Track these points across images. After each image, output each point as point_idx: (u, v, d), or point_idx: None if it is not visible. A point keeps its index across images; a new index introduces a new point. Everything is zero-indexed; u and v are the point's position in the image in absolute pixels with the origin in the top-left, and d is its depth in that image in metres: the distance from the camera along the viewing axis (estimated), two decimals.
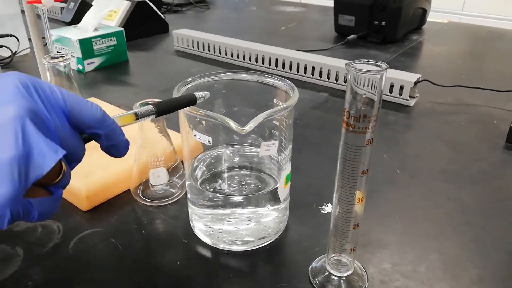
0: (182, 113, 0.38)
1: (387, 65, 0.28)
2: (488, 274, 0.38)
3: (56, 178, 0.27)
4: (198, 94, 0.36)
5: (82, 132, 0.29)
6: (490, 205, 0.47)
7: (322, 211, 0.46)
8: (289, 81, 0.40)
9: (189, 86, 0.40)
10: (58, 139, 0.27)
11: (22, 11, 0.87)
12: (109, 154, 0.32)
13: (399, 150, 0.60)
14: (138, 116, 0.32)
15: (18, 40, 0.93)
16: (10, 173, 0.23)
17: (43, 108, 0.26)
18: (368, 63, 0.29)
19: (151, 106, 0.33)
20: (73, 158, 0.29)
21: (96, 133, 0.29)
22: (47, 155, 0.24)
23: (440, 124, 0.67)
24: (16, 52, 0.93)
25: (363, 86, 0.28)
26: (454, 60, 1.01)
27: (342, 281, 0.37)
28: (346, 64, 0.28)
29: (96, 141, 0.30)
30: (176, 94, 0.37)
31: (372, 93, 0.28)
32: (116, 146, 0.31)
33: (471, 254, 0.40)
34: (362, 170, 0.31)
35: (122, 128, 0.31)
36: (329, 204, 0.47)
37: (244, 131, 0.33)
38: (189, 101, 0.35)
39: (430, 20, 1.28)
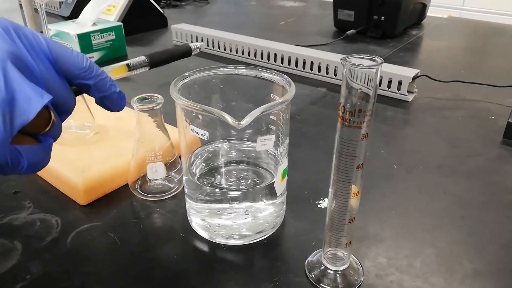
0: (179, 107, 0.38)
1: (382, 59, 0.28)
2: (483, 268, 0.38)
3: (45, 128, 0.26)
4: (193, 45, 0.35)
5: (71, 83, 0.28)
6: (486, 200, 0.48)
7: (319, 206, 0.46)
8: (286, 76, 0.40)
9: (186, 80, 0.40)
10: (45, 87, 0.25)
11: (20, 6, 0.87)
12: (105, 108, 0.31)
13: (397, 145, 0.60)
14: (130, 68, 0.31)
15: None
16: None
17: (27, 52, 0.25)
18: (363, 58, 0.29)
19: (144, 57, 0.32)
20: (62, 108, 0.28)
21: (85, 83, 0.28)
22: (33, 100, 0.23)
23: (438, 119, 0.67)
24: None
25: (359, 81, 0.28)
26: (453, 55, 1.01)
27: (338, 275, 0.37)
28: (341, 59, 0.28)
29: (87, 93, 0.29)
30: (173, 88, 0.37)
31: (367, 88, 0.28)
32: (108, 98, 0.30)
33: (467, 248, 0.41)
34: (358, 165, 0.32)
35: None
36: (326, 199, 0.47)
37: (241, 125, 0.33)
38: (184, 52, 0.34)
39: (430, 15, 1.27)
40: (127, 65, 0.31)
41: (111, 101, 0.30)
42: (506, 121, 0.61)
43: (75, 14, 1.11)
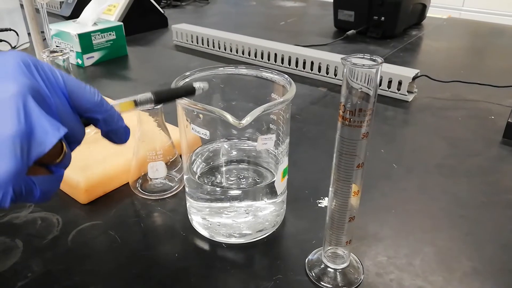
0: (180, 107, 0.38)
1: (382, 59, 0.28)
2: (482, 267, 0.38)
3: (57, 159, 0.27)
4: (197, 85, 0.36)
5: (81, 116, 0.29)
6: (485, 199, 0.48)
7: (319, 205, 0.46)
8: (287, 76, 0.40)
9: (187, 80, 0.40)
10: (59, 119, 0.26)
11: (21, 5, 0.87)
12: (110, 141, 0.32)
13: (396, 145, 0.60)
14: (137, 103, 0.33)
15: (17, 35, 0.93)
16: (13, 150, 0.22)
17: (44, 86, 0.26)
18: (363, 57, 0.29)
19: (150, 94, 0.33)
20: (73, 139, 0.29)
21: (94, 117, 0.29)
22: (50, 132, 0.24)
23: (437, 119, 0.67)
24: (15, 46, 0.93)
25: (359, 80, 0.28)
26: (453, 56, 1.01)
27: (338, 273, 0.37)
28: (342, 58, 0.29)
29: (95, 125, 0.30)
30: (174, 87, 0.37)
31: (367, 87, 0.29)
32: (115, 132, 0.31)
33: (466, 247, 0.41)
34: (358, 164, 0.32)
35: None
36: (326, 198, 0.47)
37: (241, 124, 0.33)
38: (188, 91, 0.35)
39: (430, 15, 1.28)
40: (134, 101, 0.33)
41: (117, 135, 0.31)
42: (505, 121, 0.61)
43: (75, 14, 1.11)
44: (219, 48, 0.97)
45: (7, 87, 0.24)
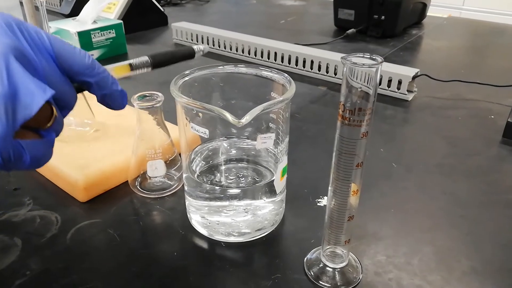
0: (180, 105, 0.38)
1: (382, 58, 0.28)
2: (481, 266, 0.38)
3: (47, 123, 0.26)
4: (196, 47, 0.35)
5: (72, 80, 0.28)
6: (484, 199, 0.48)
7: (318, 204, 0.46)
8: (286, 75, 0.40)
9: (186, 78, 0.40)
10: (47, 82, 0.25)
11: (21, 3, 0.87)
12: (106, 106, 0.31)
13: (396, 144, 0.60)
14: (133, 67, 0.31)
15: None
16: None
17: (29, 48, 0.25)
18: (363, 57, 0.29)
19: (147, 57, 0.32)
20: (64, 104, 0.28)
21: (86, 80, 0.28)
22: (35, 94, 0.23)
23: (437, 119, 0.67)
24: None
25: (359, 80, 0.28)
26: (453, 55, 1.01)
27: (336, 272, 0.37)
28: (342, 58, 0.28)
29: (89, 91, 0.29)
30: (173, 87, 0.37)
31: (367, 86, 0.28)
32: (110, 96, 0.30)
33: (465, 246, 0.41)
34: (357, 163, 0.32)
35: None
36: (325, 197, 0.47)
37: (241, 123, 0.33)
38: (187, 54, 0.34)
39: (431, 14, 1.28)
40: (130, 64, 0.31)
41: (113, 99, 0.30)
42: (505, 120, 0.61)
43: (75, 12, 1.11)
44: (219, 47, 0.96)
45: None
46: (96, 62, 0.28)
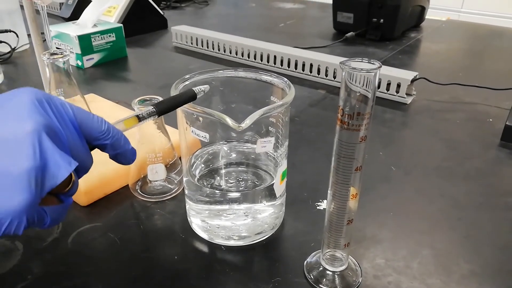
0: (180, 109, 0.38)
1: (380, 63, 0.28)
2: (479, 269, 0.38)
3: (66, 188, 0.29)
4: (197, 89, 0.37)
5: (89, 143, 0.31)
6: (483, 202, 0.48)
7: (318, 207, 0.46)
8: (286, 79, 0.40)
9: (186, 83, 0.40)
10: (70, 151, 0.29)
11: (21, 7, 0.87)
12: (117, 162, 0.34)
13: (395, 147, 0.61)
14: (140, 118, 0.34)
15: (17, 36, 0.93)
16: (28, 183, 0.25)
17: (57, 122, 0.28)
18: (362, 61, 0.29)
19: (152, 107, 0.34)
20: (82, 168, 0.31)
21: (102, 144, 0.31)
22: (62, 166, 0.26)
23: (436, 122, 0.68)
24: (15, 47, 0.94)
25: (357, 83, 0.29)
26: (452, 58, 1.01)
27: (336, 276, 0.37)
28: (340, 63, 0.29)
29: (103, 150, 0.32)
30: (173, 91, 0.38)
31: (366, 90, 0.29)
32: (122, 154, 0.33)
33: (463, 249, 0.41)
34: (356, 167, 0.32)
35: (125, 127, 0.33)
36: (325, 201, 0.47)
37: (241, 127, 0.33)
38: (189, 97, 0.36)
39: (429, 17, 1.28)
40: (137, 116, 0.34)
41: (124, 157, 0.33)
42: (503, 123, 0.61)
43: (75, 15, 1.11)
44: (219, 50, 0.97)
45: (24, 125, 0.26)
46: (110, 126, 0.31)
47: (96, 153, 0.32)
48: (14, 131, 0.25)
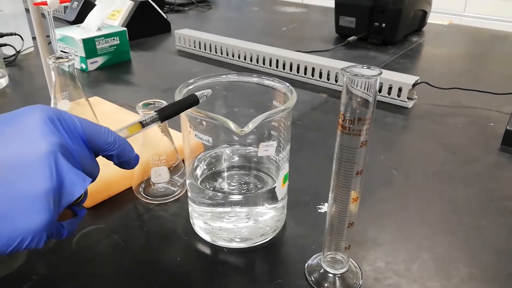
0: (184, 114, 0.39)
1: (380, 70, 0.29)
2: (479, 273, 0.39)
3: (79, 199, 0.31)
4: (199, 94, 0.37)
5: (96, 154, 0.32)
6: (482, 206, 0.48)
7: (319, 210, 0.47)
8: (288, 84, 0.41)
9: (190, 87, 0.41)
10: (80, 165, 0.30)
11: (26, 10, 0.88)
12: (121, 168, 0.35)
13: (396, 151, 0.61)
14: (143, 125, 0.35)
15: (22, 39, 0.94)
16: (47, 203, 0.26)
17: (68, 139, 0.29)
18: (362, 68, 0.30)
19: (155, 113, 0.35)
20: (90, 177, 0.31)
21: (109, 154, 0.32)
22: (77, 184, 0.28)
23: (437, 126, 0.68)
24: (20, 50, 0.95)
25: (359, 87, 0.29)
26: (453, 62, 1.02)
27: (337, 278, 0.38)
28: (341, 69, 0.29)
29: (109, 159, 0.33)
30: (177, 95, 0.38)
31: (367, 94, 0.29)
32: (127, 162, 0.34)
33: (463, 253, 0.41)
34: (357, 171, 0.32)
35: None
36: (326, 204, 0.48)
37: (243, 132, 0.34)
38: (192, 102, 0.37)
39: (431, 22, 1.29)
40: (141, 123, 0.35)
41: (128, 163, 0.34)
42: (504, 128, 0.61)
43: (79, 18, 1.12)
44: (221, 54, 0.98)
45: (40, 146, 0.26)
46: (116, 136, 0.32)
47: (100, 157, 0.32)
48: (30, 152, 0.26)
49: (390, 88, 0.75)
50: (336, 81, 0.82)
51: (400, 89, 0.74)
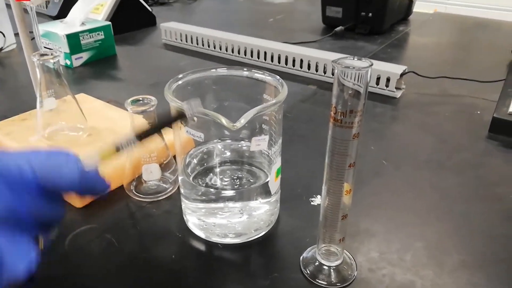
0: (174, 109, 0.38)
1: (371, 61, 0.29)
2: (471, 259, 0.40)
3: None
4: (186, 106, 0.34)
5: (60, 194, 0.29)
6: (472, 193, 0.49)
7: (312, 203, 0.47)
8: (278, 77, 0.40)
9: (179, 82, 0.40)
10: (33, 218, 0.27)
11: (7, 5, 0.86)
12: None
13: (386, 142, 0.62)
14: (119, 149, 0.32)
15: (3, 36, 0.92)
16: None
17: (13, 202, 0.26)
18: (353, 59, 0.29)
19: (132, 136, 0.32)
20: (52, 224, 0.29)
21: (75, 192, 0.29)
22: (18, 262, 0.25)
23: (425, 115, 0.69)
24: (2, 47, 0.92)
25: (350, 79, 0.29)
26: (440, 51, 1.02)
27: (332, 270, 0.38)
28: (332, 61, 0.29)
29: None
30: (167, 91, 0.38)
31: (358, 85, 0.29)
32: (96, 195, 0.32)
33: (455, 240, 0.42)
34: (349, 163, 0.32)
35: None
36: (319, 196, 0.48)
37: (235, 127, 0.34)
38: (174, 118, 0.35)
39: (417, 10, 1.29)
40: (116, 147, 0.31)
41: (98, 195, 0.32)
42: (491, 115, 0.62)
43: (62, 13, 1.10)
44: (209, 47, 0.97)
45: None
46: (84, 174, 0.29)
47: None
48: None
49: (378, 79, 0.75)
50: (325, 72, 0.81)
51: (388, 79, 0.74)
